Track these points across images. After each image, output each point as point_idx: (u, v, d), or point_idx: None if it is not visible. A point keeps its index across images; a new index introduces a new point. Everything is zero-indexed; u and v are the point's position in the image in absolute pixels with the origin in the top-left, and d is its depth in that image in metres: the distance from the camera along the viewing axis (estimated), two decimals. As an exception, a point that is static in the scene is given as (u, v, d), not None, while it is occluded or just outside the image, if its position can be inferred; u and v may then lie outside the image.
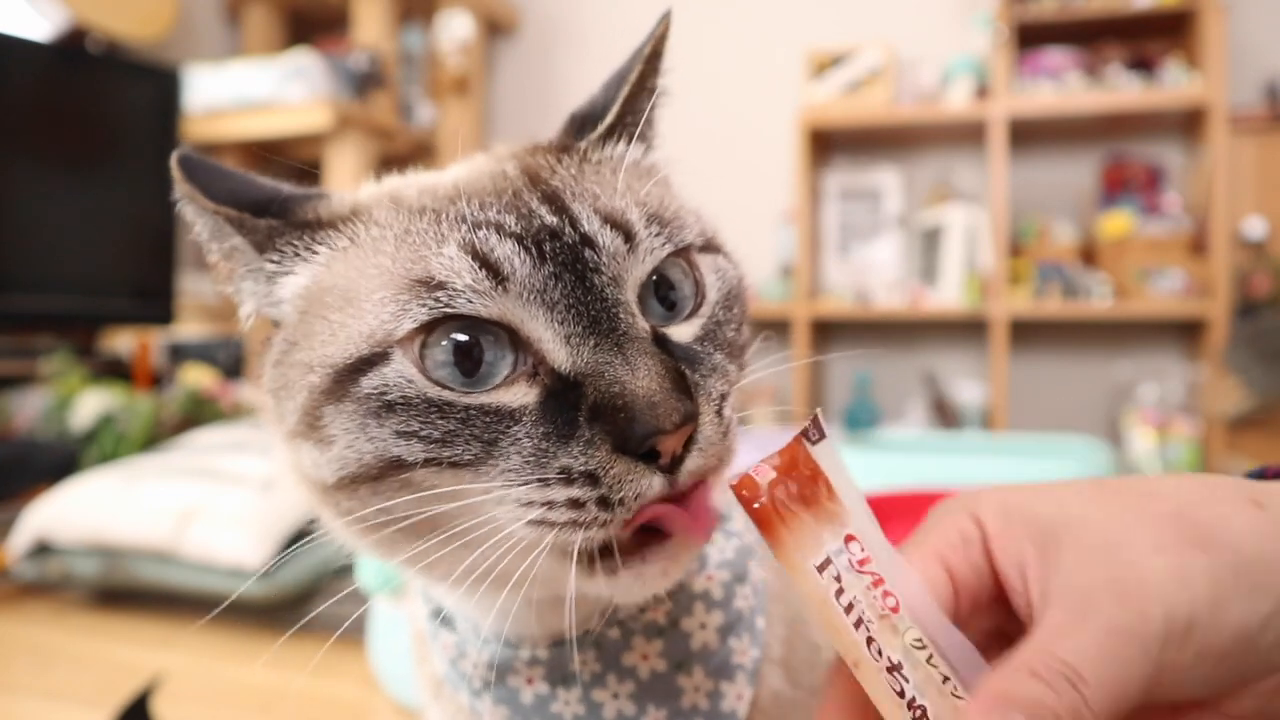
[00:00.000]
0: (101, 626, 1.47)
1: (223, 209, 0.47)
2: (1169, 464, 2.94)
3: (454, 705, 0.55)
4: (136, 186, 2.45)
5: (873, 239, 3.62)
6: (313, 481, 0.45)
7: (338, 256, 0.46)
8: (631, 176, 0.48)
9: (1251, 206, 3.18)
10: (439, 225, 0.43)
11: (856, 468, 1.36)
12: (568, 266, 0.42)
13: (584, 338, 0.41)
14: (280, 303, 0.48)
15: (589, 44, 4.07)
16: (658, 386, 0.39)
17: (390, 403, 0.41)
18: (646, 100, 0.52)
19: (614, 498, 0.38)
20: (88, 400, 2.00)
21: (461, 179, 0.48)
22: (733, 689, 0.51)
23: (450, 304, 0.40)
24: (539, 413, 0.41)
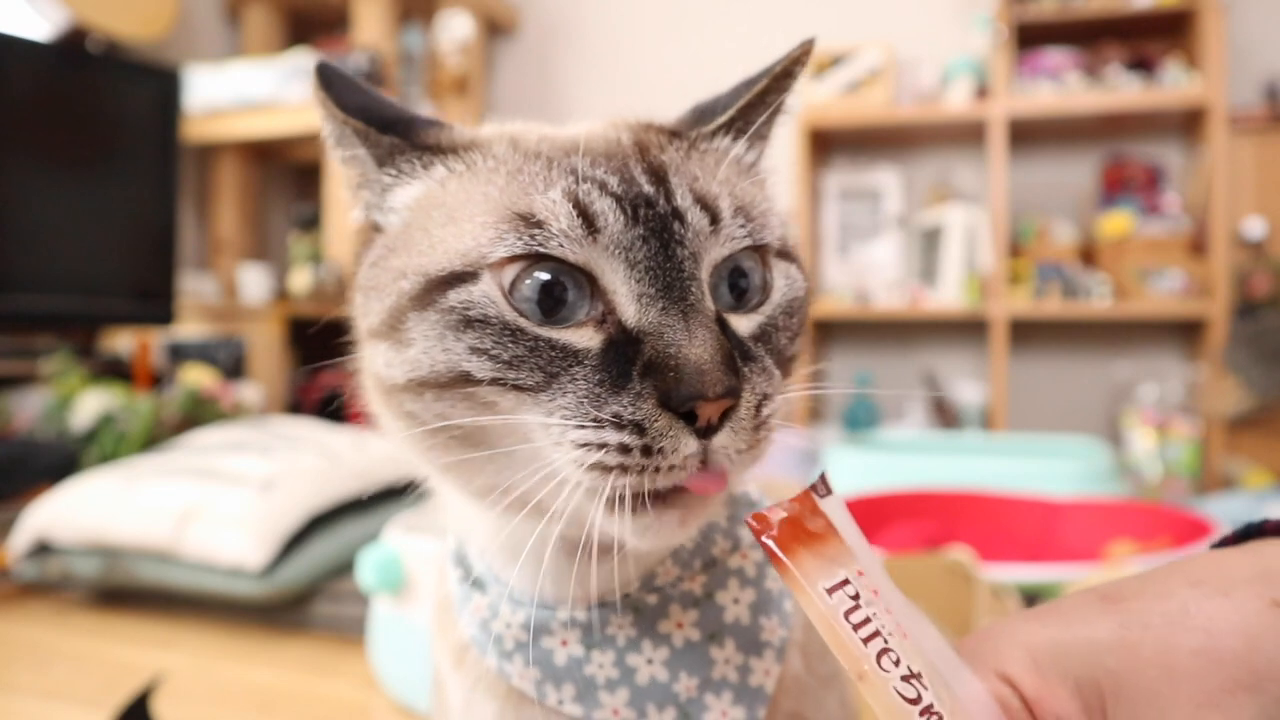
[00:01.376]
0: (101, 626, 1.47)
1: (351, 120, 0.50)
2: (1169, 464, 2.94)
3: (477, 670, 0.55)
4: (137, 186, 2.45)
5: (872, 239, 3.62)
6: (382, 380, 0.48)
7: (452, 178, 0.50)
8: (732, 170, 0.51)
9: (1251, 206, 3.18)
10: (549, 171, 0.47)
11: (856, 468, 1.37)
12: (655, 233, 0.45)
13: (654, 299, 0.44)
14: (389, 210, 0.51)
15: (589, 44, 4.07)
16: (709, 357, 0.42)
17: (470, 319, 0.44)
18: (762, 113, 0.55)
19: (655, 447, 0.41)
20: (88, 400, 2.01)
21: (577, 134, 0.51)
22: (761, 665, 0.52)
23: (544, 244, 0.44)
24: (599, 359, 0.44)
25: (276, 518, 1.45)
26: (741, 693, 0.51)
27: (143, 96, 2.45)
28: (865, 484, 1.68)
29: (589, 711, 0.51)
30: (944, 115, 3.35)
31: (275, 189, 4.00)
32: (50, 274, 2.25)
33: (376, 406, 0.52)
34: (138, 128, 2.45)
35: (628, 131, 0.52)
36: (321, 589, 1.45)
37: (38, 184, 2.23)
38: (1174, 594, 0.38)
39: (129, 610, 1.54)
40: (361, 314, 0.50)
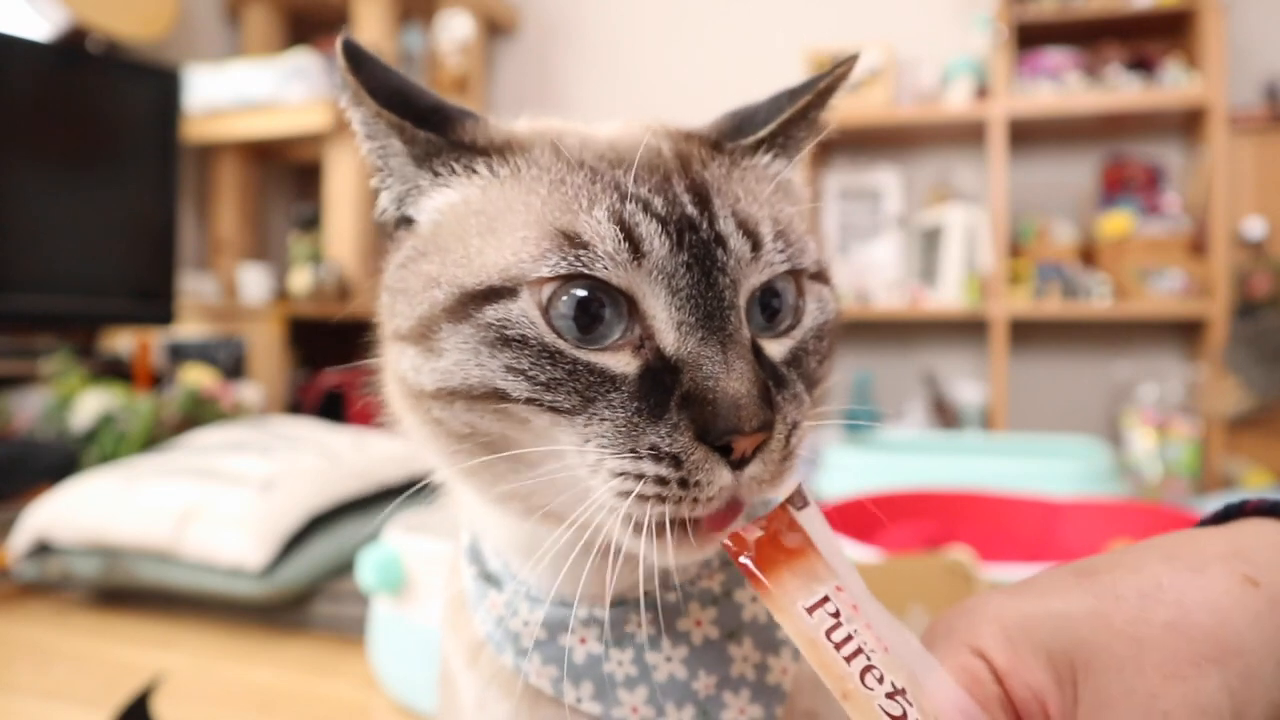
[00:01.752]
0: (101, 626, 1.47)
1: (386, 113, 0.48)
2: (1169, 464, 2.94)
3: (492, 669, 0.54)
4: (136, 186, 2.45)
5: (872, 239, 3.62)
6: (409, 384, 0.47)
7: (494, 184, 0.48)
8: (772, 190, 0.51)
9: (1251, 206, 3.18)
10: (593, 185, 0.46)
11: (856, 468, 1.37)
12: (698, 260, 0.44)
13: (694, 329, 0.44)
14: (422, 209, 0.50)
15: (589, 44, 4.07)
16: (746, 391, 0.42)
17: (508, 337, 0.43)
18: (805, 129, 0.54)
19: (691, 480, 0.41)
20: (88, 400, 2.01)
21: (618, 142, 0.50)
22: (778, 663, 0.52)
23: (588, 266, 0.43)
24: (636, 386, 0.43)
25: (276, 518, 1.45)
26: (759, 691, 0.51)
27: (143, 96, 2.45)
28: (865, 484, 1.68)
29: (607, 709, 0.51)
30: (944, 115, 3.35)
31: (275, 189, 4.00)
32: (50, 274, 2.25)
33: (399, 408, 0.51)
34: (138, 128, 2.45)
35: (668, 141, 0.51)
36: (321, 589, 1.45)
37: (38, 184, 2.23)
38: (1148, 569, 0.38)
39: (129, 610, 1.54)
40: (388, 315, 0.49)
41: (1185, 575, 0.38)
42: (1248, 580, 0.36)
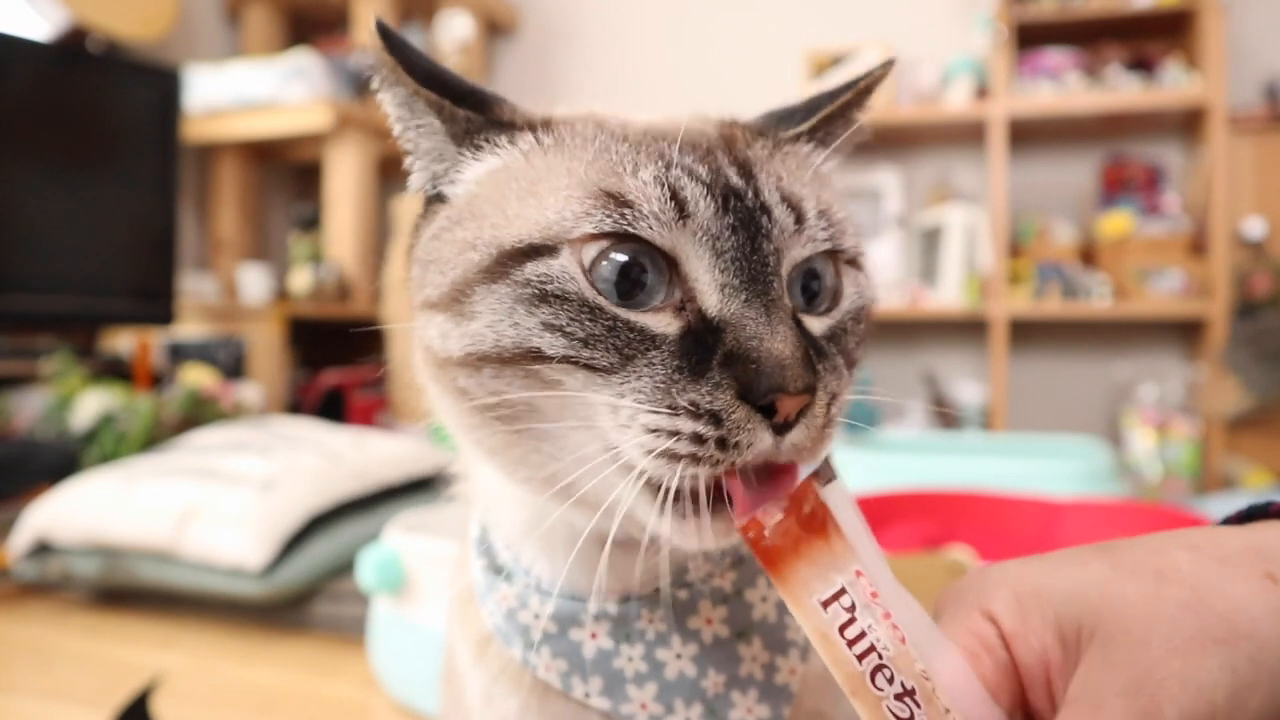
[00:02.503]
0: (101, 626, 1.47)
1: (424, 91, 0.48)
2: (1169, 464, 2.94)
3: (500, 662, 0.54)
4: (136, 186, 2.45)
5: (872, 239, 3.62)
6: (435, 353, 0.47)
7: (537, 151, 0.48)
8: (814, 177, 0.51)
9: (1251, 206, 3.18)
10: (638, 153, 0.46)
11: (856, 468, 1.38)
12: (744, 225, 0.44)
13: (738, 290, 0.43)
14: (457, 183, 0.50)
15: (589, 44, 4.07)
16: (790, 352, 0.41)
17: (547, 293, 0.43)
18: (843, 128, 0.55)
19: (731, 440, 0.40)
20: (88, 400, 2.01)
21: (658, 123, 0.50)
22: (786, 663, 0.52)
23: (633, 224, 0.43)
24: (676, 345, 0.43)
25: (276, 518, 1.45)
26: (767, 691, 0.51)
27: (143, 96, 2.45)
28: (865, 484, 1.68)
29: (616, 705, 0.51)
30: (944, 115, 3.35)
31: (275, 189, 4.00)
32: (50, 274, 2.25)
33: (426, 380, 0.50)
34: (138, 128, 2.45)
35: (712, 125, 0.52)
36: (321, 589, 1.45)
37: (38, 184, 2.23)
38: (1168, 553, 0.39)
39: (129, 610, 1.54)
40: (418, 286, 0.49)
41: (1206, 564, 0.38)
42: (1269, 577, 0.36)
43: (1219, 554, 0.38)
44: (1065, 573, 0.39)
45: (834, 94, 0.55)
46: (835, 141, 0.54)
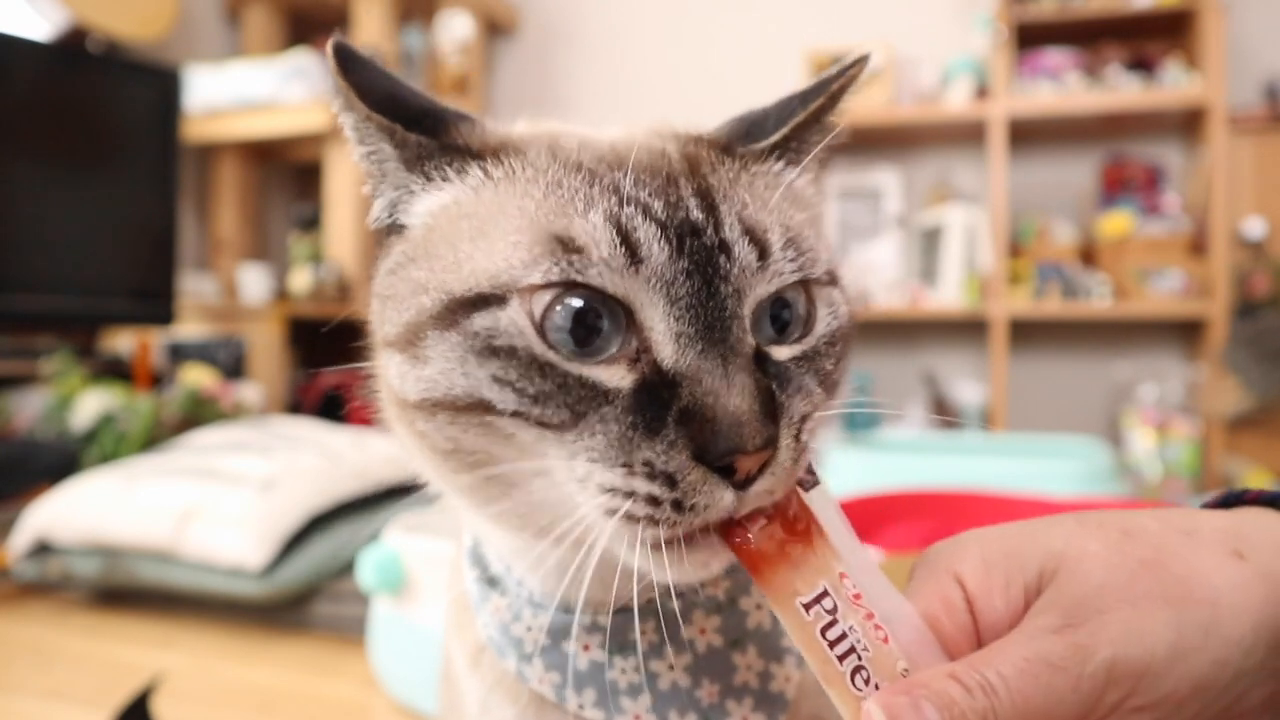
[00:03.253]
0: (101, 626, 1.47)
1: (376, 116, 0.46)
2: (1169, 464, 2.94)
3: (495, 673, 0.54)
4: (136, 186, 2.45)
5: (872, 239, 3.62)
6: (395, 393, 0.46)
7: (487, 186, 0.46)
8: (784, 198, 0.48)
9: (1251, 206, 3.18)
10: (591, 188, 0.43)
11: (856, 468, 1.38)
12: (700, 268, 0.42)
13: (693, 340, 0.41)
14: (412, 214, 0.48)
15: (589, 44, 4.07)
16: (747, 407, 0.40)
17: (495, 347, 0.41)
18: (816, 132, 0.52)
19: (687, 503, 0.39)
20: (88, 400, 2.01)
21: (620, 144, 0.48)
22: (781, 671, 0.52)
23: (582, 272, 0.41)
24: (631, 400, 0.41)
25: (276, 518, 1.45)
26: (762, 699, 0.51)
27: (143, 96, 2.45)
28: (865, 484, 1.68)
29: (610, 717, 0.50)
30: (944, 115, 3.35)
31: (275, 189, 4.00)
32: (50, 274, 2.25)
33: (389, 417, 0.49)
34: (138, 128, 2.45)
35: (674, 143, 0.49)
36: (321, 589, 1.45)
37: (38, 184, 2.23)
38: (1138, 519, 0.40)
39: (129, 610, 1.54)
40: (378, 321, 0.47)
41: (1173, 533, 0.38)
42: (1235, 553, 0.37)
43: (1188, 526, 0.39)
44: (1033, 533, 0.40)
45: (805, 97, 0.52)
46: (810, 150, 0.52)
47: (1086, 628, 0.36)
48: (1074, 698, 0.35)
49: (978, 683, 0.35)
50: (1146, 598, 0.36)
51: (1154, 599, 0.36)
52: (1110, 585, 0.37)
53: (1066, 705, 0.35)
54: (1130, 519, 0.40)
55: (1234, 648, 0.35)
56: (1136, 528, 0.39)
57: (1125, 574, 0.37)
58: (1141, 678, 0.35)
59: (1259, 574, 0.36)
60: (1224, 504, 0.42)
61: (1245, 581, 0.36)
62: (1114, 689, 0.35)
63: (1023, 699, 0.35)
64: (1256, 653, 0.35)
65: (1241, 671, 0.35)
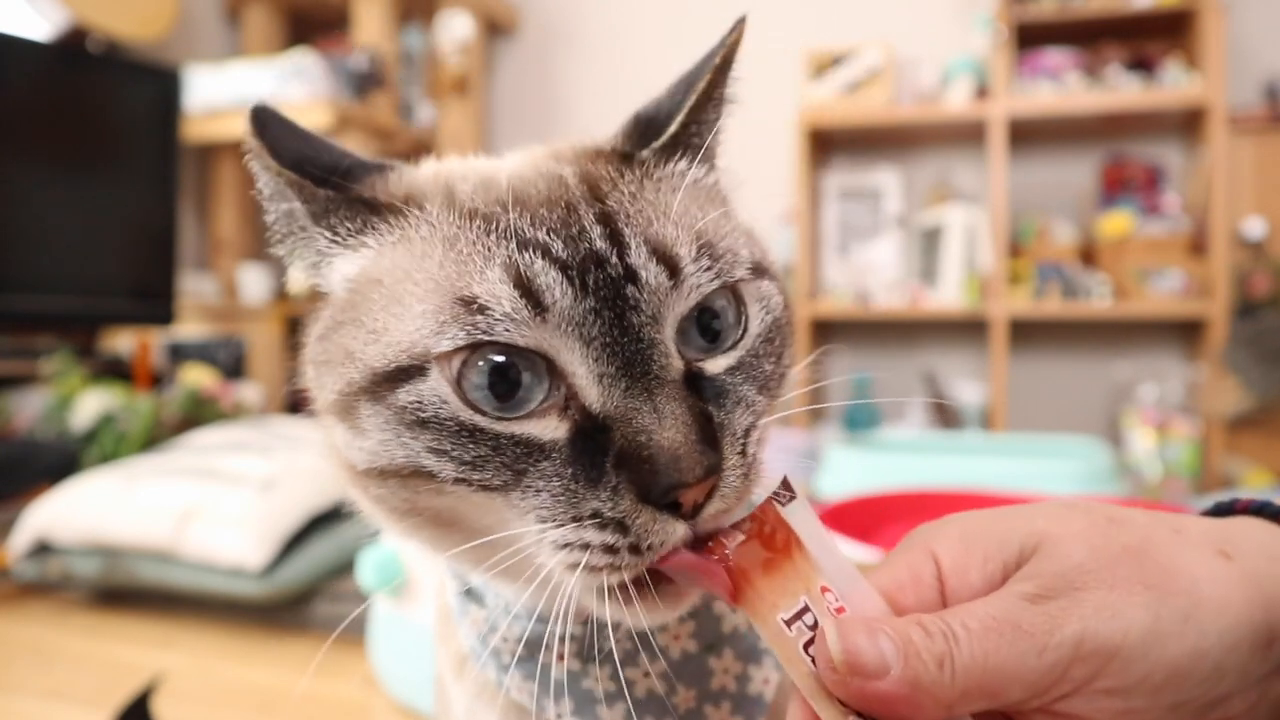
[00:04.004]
0: (101, 626, 1.47)
1: (286, 172, 0.46)
2: (1169, 464, 2.94)
3: (479, 683, 0.54)
4: (137, 186, 2.45)
5: (872, 239, 3.62)
6: (343, 459, 0.46)
7: (387, 250, 0.46)
8: (691, 198, 0.47)
9: (1251, 206, 3.18)
10: (487, 236, 0.43)
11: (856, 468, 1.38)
12: (608, 302, 0.41)
13: (616, 379, 0.41)
14: (332, 279, 0.48)
15: (589, 44, 4.07)
16: (683, 439, 0.39)
17: (424, 419, 0.41)
18: (713, 111, 0.51)
19: (643, 544, 0.39)
20: (88, 400, 2.01)
21: (516, 177, 0.47)
22: (760, 673, 0.51)
23: (489, 330, 0.40)
24: (568, 451, 0.41)
25: (276, 518, 1.45)
26: (741, 702, 0.51)
27: (143, 96, 2.45)
28: (865, 484, 1.68)
29: None
30: (944, 115, 3.35)
31: (275, 189, 3.99)
32: (50, 274, 2.25)
33: (342, 483, 0.49)
34: (138, 128, 2.45)
35: (572, 166, 0.48)
36: (321, 589, 1.45)
37: (38, 184, 2.23)
38: (1126, 512, 0.39)
39: (129, 610, 1.54)
40: (316, 388, 0.47)
41: (1161, 528, 0.38)
42: (1222, 553, 0.36)
43: (1176, 525, 0.38)
44: (1017, 514, 0.40)
45: (691, 80, 0.51)
46: (710, 132, 0.51)
47: (1060, 600, 0.35)
48: (1036, 663, 0.34)
49: (940, 630, 0.35)
50: (1126, 580, 0.35)
51: (1133, 582, 0.35)
52: (1090, 564, 0.36)
53: (1028, 670, 0.34)
54: (1118, 510, 0.39)
55: (1214, 640, 0.34)
56: (1123, 517, 0.38)
57: (1107, 556, 0.36)
58: (1112, 658, 0.34)
59: (1244, 574, 0.36)
60: (1214, 514, 0.42)
61: (1230, 579, 0.35)
62: (1081, 665, 0.34)
63: (982, 652, 0.34)
64: (1239, 652, 0.35)
65: (1222, 668, 0.34)
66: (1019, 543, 0.38)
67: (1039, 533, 0.38)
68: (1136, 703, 0.35)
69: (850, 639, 0.35)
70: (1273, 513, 0.39)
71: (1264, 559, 0.36)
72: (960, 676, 0.34)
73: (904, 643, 0.35)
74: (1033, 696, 0.35)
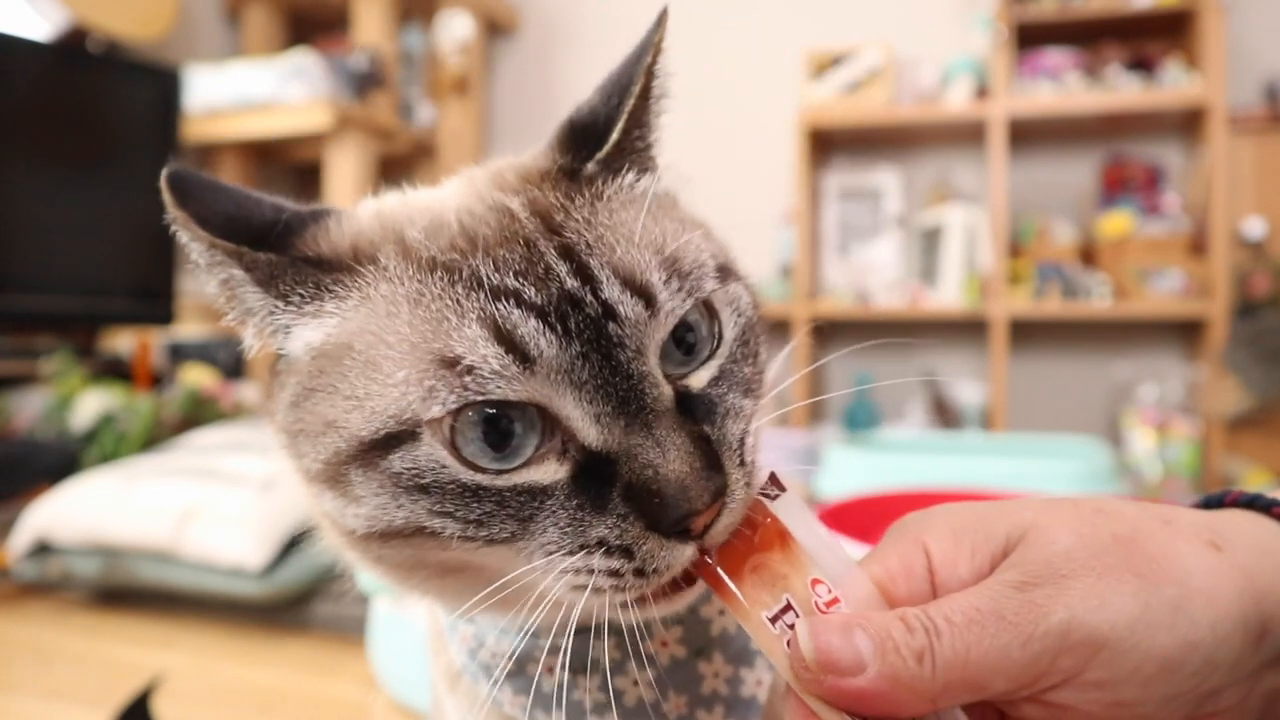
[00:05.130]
0: (101, 626, 1.47)
1: (220, 242, 0.44)
2: (1169, 464, 2.94)
3: (471, 697, 0.54)
4: (136, 186, 2.45)
5: (872, 239, 3.62)
6: (340, 526, 0.45)
7: (350, 314, 0.44)
8: (647, 215, 0.46)
9: (1251, 206, 3.18)
10: (453, 288, 0.41)
11: (856, 468, 1.38)
12: (593, 344, 0.41)
13: (614, 417, 0.40)
14: (292, 346, 0.46)
15: (589, 44, 4.07)
16: (688, 469, 0.39)
17: (423, 484, 0.41)
18: (651, 112, 0.50)
19: (649, 568, 0.40)
20: (88, 400, 2.01)
21: (465, 213, 0.45)
22: (752, 675, 0.51)
23: (481, 390, 0.39)
24: (571, 486, 0.41)
25: (276, 518, 1.45)
26: (734, 705, 0.50)
27: (143, 96, 2.45)
28: (865, 484, 1.68)
29: None
30: (944, 115, 3.35)
31: (275, 189, 3.99)
32: (50, 274, 2.25)
33: (337, 545, 0.48)
34: (138, 128, 2.45)
35: (518, 196, 0.46)
36: (321, 589, 1.45)
37: (38, 184, 2.23)
38: (1115, 503, 0.39)
39: (129, 610, 1.54)
40: (294, 455, 0.46)
41: (1151, 519, 0.37)
42: (1211, 544, 0.36)
43: (1166, 517, 0.38)
44: (1005, 506, 0.40)
45: (623, 85, 0.50)
46: (650, 134, 0.50)
47: (1045, 588, 0.34)
48: (1021, 655, 0.34)
49: (921, 624, 0.35)
50: (1114, 569, 0.35)
51: (1122, 570, 0.35)
52: (1077, 552, 0.35)
53: (1012, 662, 0.34)
54: (1107, 501, 0.39)
55: (1205, 631, 0.34)
56: (1112, 509, 0.38)
57: (1095, 545, 0.36)
58: (1101, 649, 0.33)
59: (1235, 566, 0.35)
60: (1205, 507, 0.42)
61: (1220, 570, 0.35)
62: (1068, 655, 0.34)
63: (964, 645, 0.34)
64: (1231, 644, 0.34)
65: (1213, 660, 0.34)
66: (1005, 534, 0.38)
67: (1026, 523, 0.38)
68: (1128, 694, 0.34)
69: (822, 637, 0.35)
70: (1263, 505, 0.39)
71: (1255, 552, 0.36)
72: (942, 670, 0.34)
73: (882, 639, 0.35)
74: (1019, 688, 0.34)
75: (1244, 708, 0.36)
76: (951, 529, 0.39)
